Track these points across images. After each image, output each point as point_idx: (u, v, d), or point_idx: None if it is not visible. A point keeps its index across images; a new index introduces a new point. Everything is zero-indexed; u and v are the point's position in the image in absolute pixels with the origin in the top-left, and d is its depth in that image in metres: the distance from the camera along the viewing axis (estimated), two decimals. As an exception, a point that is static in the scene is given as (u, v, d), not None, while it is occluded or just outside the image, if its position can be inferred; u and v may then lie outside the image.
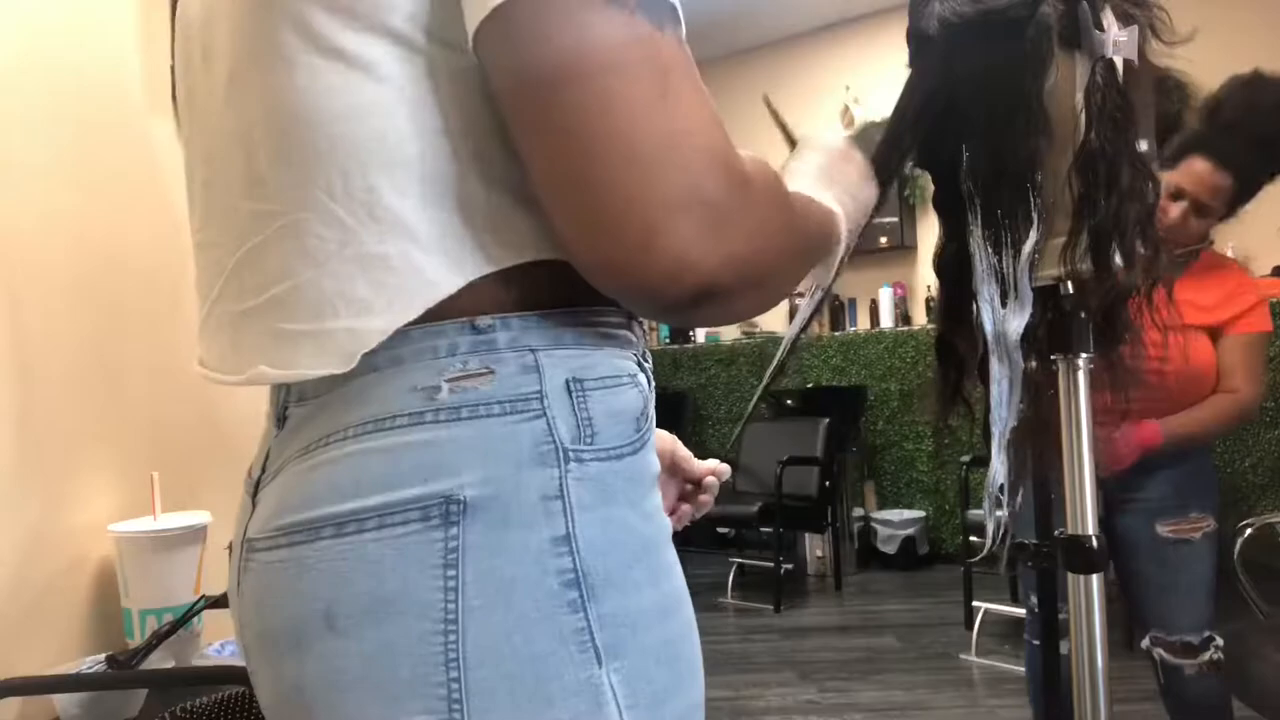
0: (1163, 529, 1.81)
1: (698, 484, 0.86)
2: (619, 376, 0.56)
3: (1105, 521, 1.88)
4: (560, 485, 0.51)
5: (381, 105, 0.50)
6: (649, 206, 0.45)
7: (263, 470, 0.59)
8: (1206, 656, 1.78)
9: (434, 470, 0.50)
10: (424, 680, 0.48)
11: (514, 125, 0.48)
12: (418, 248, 0.51)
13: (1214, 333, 1.84)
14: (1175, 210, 1.77)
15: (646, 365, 0.61)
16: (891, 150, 1.00)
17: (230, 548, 0.63)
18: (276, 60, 0.51)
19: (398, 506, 0.49)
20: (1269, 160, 1.77)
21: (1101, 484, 1.77)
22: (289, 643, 0.52)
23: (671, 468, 0.84)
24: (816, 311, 0.99)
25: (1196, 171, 1.76)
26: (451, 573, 0.49)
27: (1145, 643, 1.84)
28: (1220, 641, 1.79)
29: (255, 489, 0.59)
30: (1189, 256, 1.85)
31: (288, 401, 0.58)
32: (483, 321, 0.52)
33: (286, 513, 0.52)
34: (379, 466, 0.50)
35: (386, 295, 0.51)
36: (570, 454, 0.52)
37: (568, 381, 0.53)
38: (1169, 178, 1.75)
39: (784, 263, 0.55)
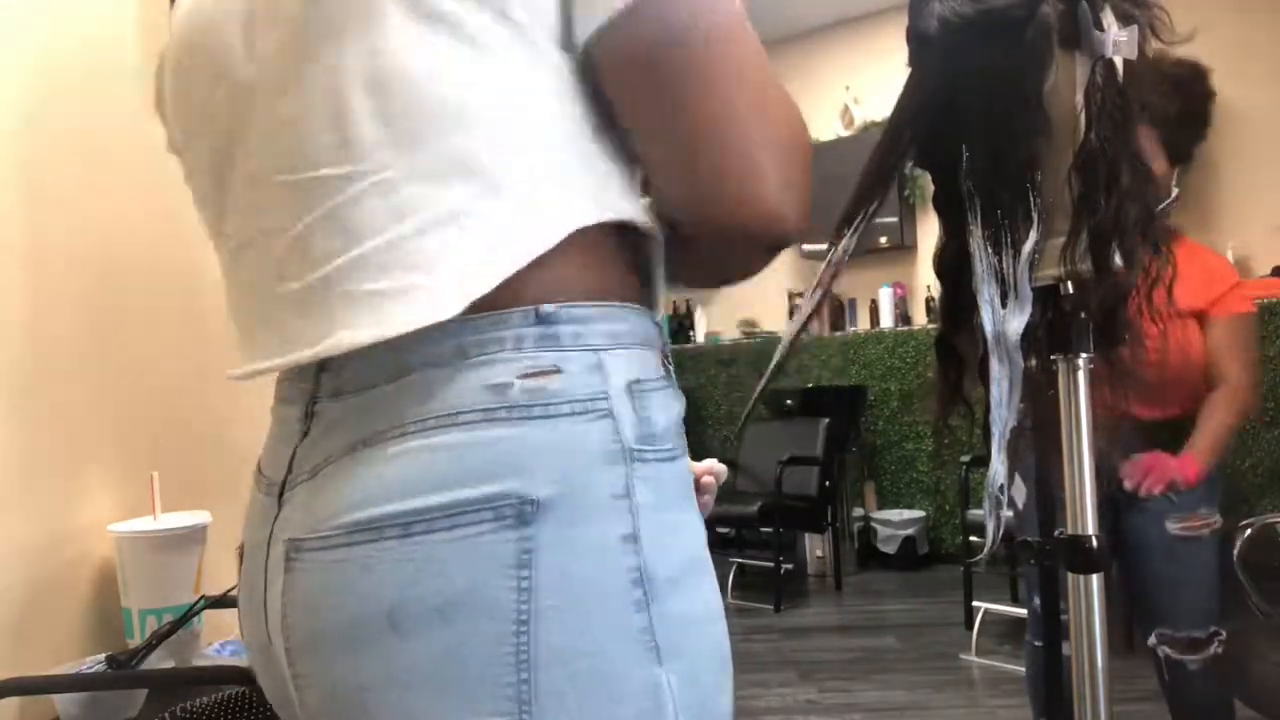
0: (1174, 527, 1.83)
1: (695, 486, 0.86)
2: (663, 379, 0.58)
3: (1112, 521, 1.88)
4: (627, 484, 0.52)
5: (484, 75, 0.52)
6: (770, 154, 0.54)
7: (288, 469, 0.57)
8: (1211, 651, 1.79)
9: (506, 469, 0.49)
10: (494, 681, 0.48)
11: (642, 92, 0.54)
12: (511, 204, 0.52)
13: (1200, 316, 1.86)
14: None
15: (672, 372, 0.63)
16: (891, 150, 1.00)
17: (240, 550, 0.61)
18: (375, 24, 0.51)
19: (469, 506, 0.49)
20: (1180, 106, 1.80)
21: (1108, 484, 1.79)
22: (348, 643, 0.50)
23: None
24: (816, 311, 0.99)
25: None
26: (525, 573, 0.48)
27: (1151, 640, 1.85)
28: (1224, 635, 1.80)
29: (281, 488, 0.57)
30: (1168, 210, 1.86)
31: (317, 397, 0.56)
32: (546, 309, 0.52)
33: (344, 510, 0.51)
34: (447, 463, 0.49)
35: (487, 246, 0.51)
36: (634, 454, 0.53)
37: (629, 383, 0.54)
38: None
39: None
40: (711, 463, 0.86)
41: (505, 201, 0.51)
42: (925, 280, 5.14)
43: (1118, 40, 0.89)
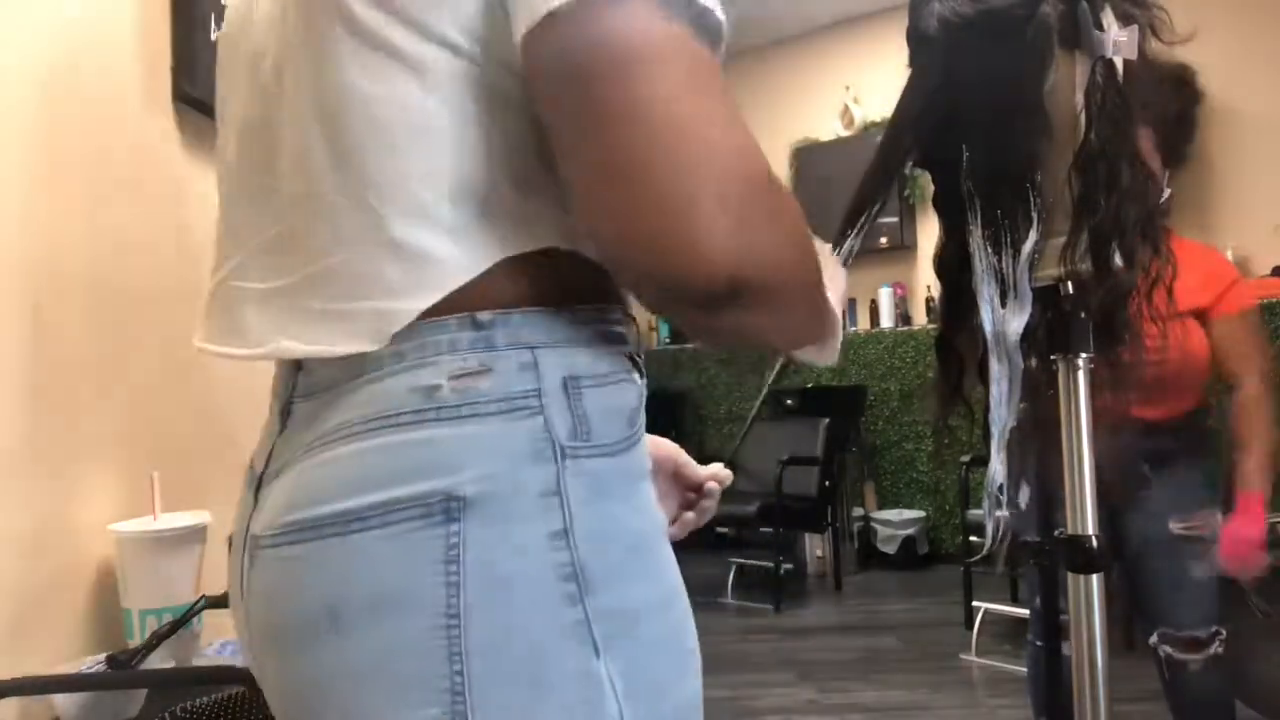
0: (1176, 527, 1.82)
1: (699, 490, 0.86)
2: (615, 373, 0.57)
3: (1114, 520, 1.89)
4: (557, 481, 0.52)
5: (424, 104, 0.52)
6: (691, 197, 0.46)
7: (265, 465, 0.59)
8: (1212, 650, 1.79)
9: (434, 468, 0.51)
10: (429, 674, 0.49)
11: (559, 119, 0.50)
12: (445, 237, 0.52)
13: (1201, 315, 1.85)
14: None
15: (640, 362, 0.62)
16: (892, 150, 1.00)
17: (230, 541, 0.63)
18: (326, 48, 0.53)
19: (399, 504, 0.50)
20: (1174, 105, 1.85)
21: (1110, 485, 1.79)
22: (296, 639, 0.52)
23: (674, 476, 0.84)
24: None
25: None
26: (453, 568, 0.50)
27: (1153, 640, 1.85)
28: (1225, 634, 1.80)
29: (258, 484, 0.59)
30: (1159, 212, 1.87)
31: (293, 397, 0.58)
32: (484, 316, 0.53)
33: (292, 510, 0.53)
34: (381, 464, 0.51)
35: (414, 278, 0.52)
36: (567, 451, 0.53)
37: (565, 380, 0.54)
38: None
39: (798, 291, 0.55)
40: (716, 468, 0.86)
41: (436, 231, 0.52)
42: (925, 280, 5.14)
43: (1118, 40, 0.89)
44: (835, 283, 0.70)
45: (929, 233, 5.01)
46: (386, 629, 0.50)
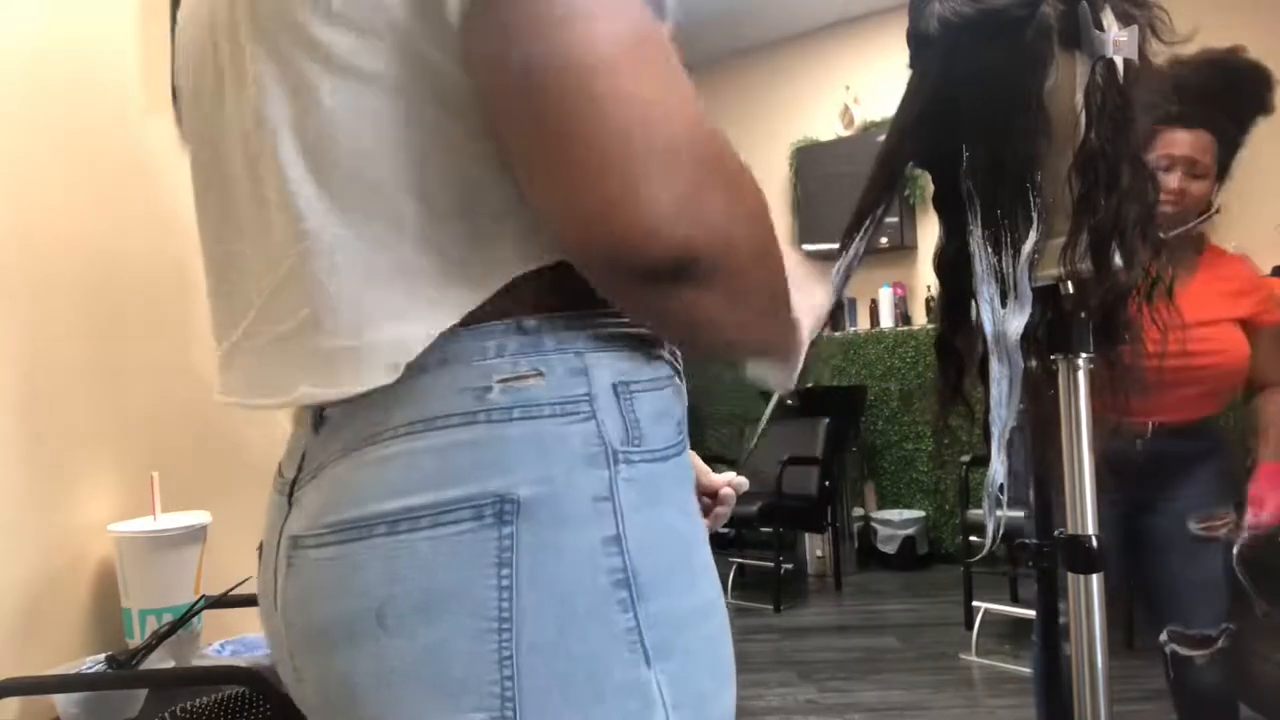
0: (1195, 526, 1.83)
1: (714, 496, 0.86)
2: (660, 379, 0.57)
3: (1131, 520, 1.89)
4: (610, 486, 0.51)
5: (403, 128, 0.50)
6: (630, 160, 0.45)
7: (299, 470, 0.58)
8: (1218, 646, 1.80)
9: (487, 469, 0.50)
10: (477, 678, 0.49)
11: (499, 96, 0.48)
12: (449, 258, 0.51)
13: (1244, 323, 1.86)
14: (1172, 180, 1.78)
15: (680, 369, 0.61)
16: (895, 153, 1.00)
17: (260, 548, 0.62)
18: (298, 76, 0.51)
19: (450, 505, 0.49)
20: (1239, 117, 1.88)
21: (1130, 484, 1.80)
22: (339, 639, 0.51)
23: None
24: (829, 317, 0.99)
25: (1177, 139, 1.80)
26: (505, 571, 0.49)
27: (1162, 637, 1.85)
28: (1233, 630, 1.81)
29: (291, 488, 0.58)
30: (1203, 225, 1.87)
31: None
32: (529, 323, 0.52)
33: (336, 510, 0.52)
34: (431, 464, 0.50)
35: (424, 302, 0.51)
36: (619, 455, 0.52)
37: (614, 385, 0.54)
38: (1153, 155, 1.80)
39: (756, 277, 0.54)
40: (731, 476, 0.86)
41: (443, 257, 0.51)
42: (925, 280, 5.14)
43: (1118, 40, 0.89)
44: (812, 299, 0.68)
45: (929, 233, 5.01)
46: (435, 630, 0.49)
